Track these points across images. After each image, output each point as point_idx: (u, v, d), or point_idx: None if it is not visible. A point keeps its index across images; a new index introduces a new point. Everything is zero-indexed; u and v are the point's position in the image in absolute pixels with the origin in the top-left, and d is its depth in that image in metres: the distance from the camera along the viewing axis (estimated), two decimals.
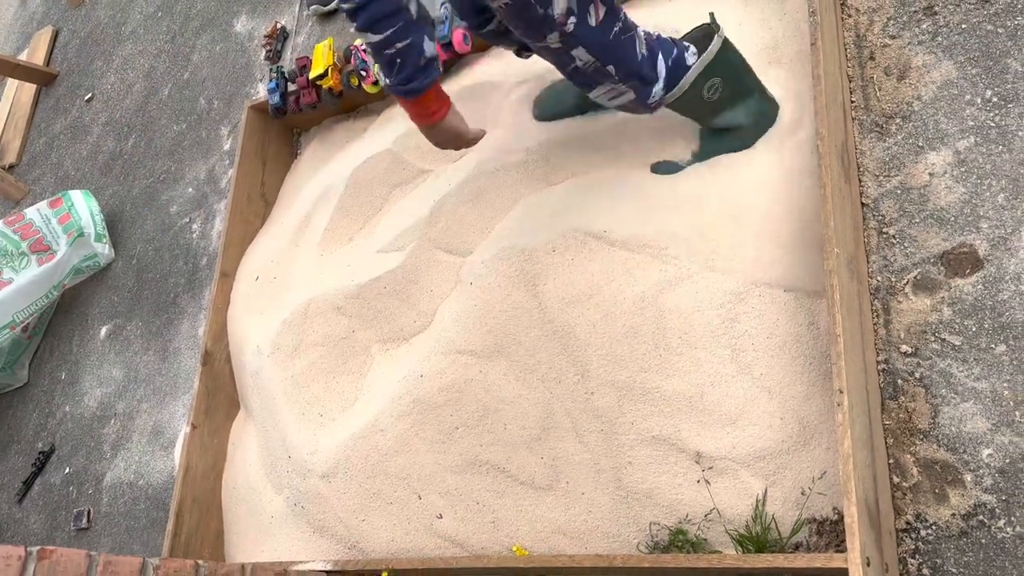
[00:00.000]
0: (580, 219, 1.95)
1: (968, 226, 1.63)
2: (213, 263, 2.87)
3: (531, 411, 1.87)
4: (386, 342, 2.19)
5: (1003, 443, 1.47)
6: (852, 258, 1.60)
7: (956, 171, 1.67)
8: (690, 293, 1.76)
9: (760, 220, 1.75)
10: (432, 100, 1.47)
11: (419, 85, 1.40)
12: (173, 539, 2.22)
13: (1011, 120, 1.65)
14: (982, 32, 1.74)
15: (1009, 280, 1.55)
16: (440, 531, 1.91)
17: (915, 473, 1.53)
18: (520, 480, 1.86)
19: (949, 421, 1.53)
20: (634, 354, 1.77)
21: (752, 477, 1.61)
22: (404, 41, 1.33)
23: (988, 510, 1.45)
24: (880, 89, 1.82)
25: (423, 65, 1.38)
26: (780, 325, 1.67)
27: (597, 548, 1.74)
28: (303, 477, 2.10)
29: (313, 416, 2.16)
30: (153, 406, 2.88)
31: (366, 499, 2.00)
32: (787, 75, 1.88)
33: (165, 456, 2.74)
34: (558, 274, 1.91)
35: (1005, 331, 1.53)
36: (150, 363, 2.98)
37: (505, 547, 1.83)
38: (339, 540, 2.03)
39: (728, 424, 1.66)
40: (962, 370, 1.55)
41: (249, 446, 2.35)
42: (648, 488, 1.70)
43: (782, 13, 1.97)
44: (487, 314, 1.97)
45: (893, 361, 1.62)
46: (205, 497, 2.34)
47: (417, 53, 1.36)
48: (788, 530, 1.55)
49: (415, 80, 1.38)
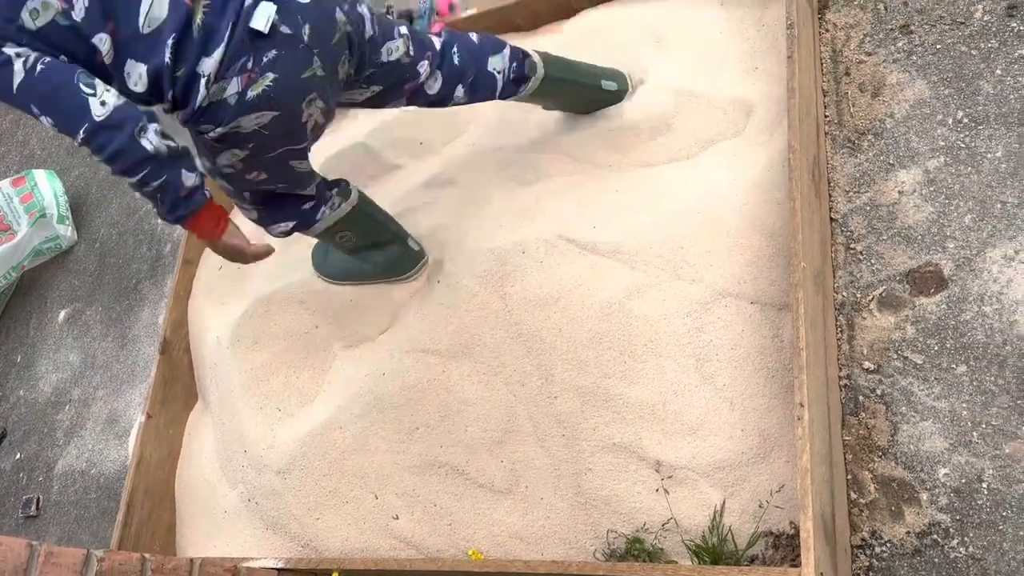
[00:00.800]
0: (552, 222, 1.93)
1: (935, 245, 1.63)
2: (177, 250, 2.81)
3: (493, 413, 1.85)
4: (349, 338, 2.15)
5: (960, 463, 1.48)
6: (819, 272, 1.60)
7: (925, 190, 1.68)
8: (657, 301, 1.75)
9: (730, 231, 1.74)
10: (206, 221, 1.53)
11: (185, 212, 1.46)
12: (123, 530, 2.17)
13: (981, 142, 1.66)
14: (956, 53, 1.75)
15: (972, 301, 1.56)
16: (396, 532, 1.88)
17: (872, 490, 1.53)
18: (479, 483, 1.84)
19: (908, 439, 1.53)
20: (599, 360, 1.76)
21: (711, 488, 1.61)
22: (159, 180, 1.40)
23: (942, 529, 1.45)
24: (854, 105, 1.83)
25: (184, 196, 1.44)
26: (745, 336, 1.67)
27: (554, 554, 1.73)
28: (258, 472, 2.06)
29: (271, 411, 2.12)
30: (109, 393, 2.82)
31: (322, 497, 1.97)
32: (762, 85, 1.88)
33: (119, 445, 2.68)
34: (527, 276, 1.89)
35: (966, 352, 1.54)
36: (108, 349, 2.92)
37: (461, 550, 1.81)
38: (292, 538, 2.00)
39: (689, 434, 1.65)
40: (923, 389, 1.55)
41: (205, 438, 2.30)
42: (607, 495, 1.69)
43: (760, 24, 1.97)
44: (453, 313, 1.95)
45: (855, 377, 1.62)
46: (158, 488, 2.29)
47: (175, 188, 1.43)
48: (744, 542, 1.54)
49: (179, 209, 1.46)
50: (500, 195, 2.09)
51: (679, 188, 1.86)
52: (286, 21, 1.44)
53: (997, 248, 1.57)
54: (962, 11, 1.77)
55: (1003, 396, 1.48)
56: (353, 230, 1.93)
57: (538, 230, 1.92)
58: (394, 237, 2.02)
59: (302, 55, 1.47)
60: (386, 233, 2.01)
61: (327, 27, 1.50)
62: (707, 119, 1.92)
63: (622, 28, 2.12)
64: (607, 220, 1.88)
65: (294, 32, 1.45)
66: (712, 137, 1.92)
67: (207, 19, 1.42)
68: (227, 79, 1.43)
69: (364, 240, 1.99)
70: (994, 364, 1.51)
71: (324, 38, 1.50)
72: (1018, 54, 1.68)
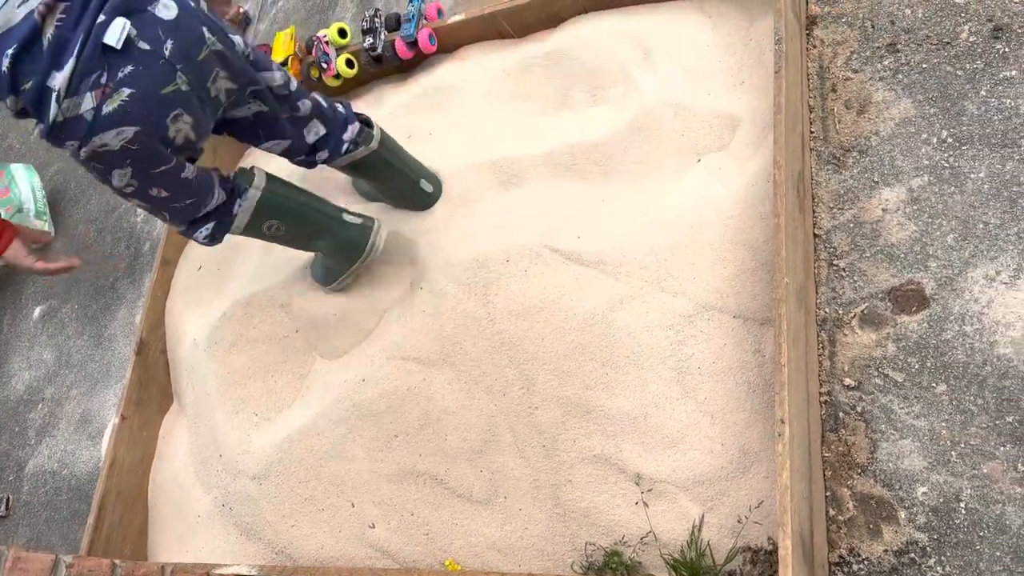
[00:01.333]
0: (537, 230, 1.92)
1: (917, 264, 1.64)
2: (156, 249, 2.78)
3: (473, 423, 1.84)
4: (329, 344, 2.13)
5: (938, 482, 1.48)
6: (801, 288, 1.60)
7: (909, 208, 1.69)
8: (640, 313, 1.75)
9: (713, 244, 1.74)
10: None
11: None
12: (93, 533, 2.14)
13: (964, 162, 1.67)
14: (942, 73, 1.76)
15: (953, 320, 1.57)
16: (372, 541, 1.86)
17: (851, 507, 1.53)
18: (457, 493, 1.82)
19: (887, 457, 1.54)
20: (581, 371, 1.75)
21: (690, 502, 1.60)
22: None
23: (920, 548, 1.45)
24: (839, 122, 1.83)
25: None
26: (727, 350, 1.67)
27: (531, 566, 1.71)
28: (233, 477, 2.03)
29: (248, 415, 2.09)
30: (83, 393, 2.77)
31: (297, 504, 1.94)
32: (749, 100, 1.89)
33: (92, 446, 2.64)
34: (510, 284, 1.88)
35: (946, 371, 1.54)
36: (83, 348, 2.88)
37: (438, 560, 1.79)
38: (267, 544, 1.97)
39: (670, 447, 1.64)
40: (903, 407, 1.56)
41: (180, 441, 2.27)
42: (586, 507, 1.68)
43: (748, 39, 1.97)
44: (435, 321, 1.93)
45: (836, 393, 1.62)
46: (130, 491, 2.26)
47: None
48: (723, 557, 1.54)
49: None
50: (486, 199, 2.08)
51: (664, 200, 1.85)
52: (145, 36, 1.44)
53: (979, 268, 1.58)
54: (948, 31, 1.78)
55: (982, 416, 1.49)
56: (277, 217, 1.88)
57: (523, 239, 1.91)
58: (326, 218, 1.97)
59: (162, 70, 1.46)
60: (314, 215, 1.95)
61: (192, 43, 1.51)
62: (693, 132, 1.92)
63: (609, 39, 2.12)
64: (592, 230, 1.87)
65: (153, 48, 1.45)
66: (698, 150, 1.92)
67: (59, 33, 1.40)
68: (80, 94, 1.42)
69: (295, 226, 1.93)
70: (974, 384, 1.51)
71: (189, 54, 1.50)
72: (1003, 75, 1.69)
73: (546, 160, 2.05)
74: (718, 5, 2.05)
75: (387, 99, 2.46)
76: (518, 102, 2.24)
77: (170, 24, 1.47)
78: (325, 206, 1.98)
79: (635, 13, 2.14)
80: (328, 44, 2.48)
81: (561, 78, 2.18)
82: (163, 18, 1.46)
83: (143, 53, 1.44)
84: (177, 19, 1.48)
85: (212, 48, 1.55)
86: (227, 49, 1.59)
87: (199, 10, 1.55)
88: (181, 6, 1.50)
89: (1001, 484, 1.44)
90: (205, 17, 1.56)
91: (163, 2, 1.48)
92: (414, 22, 2.38)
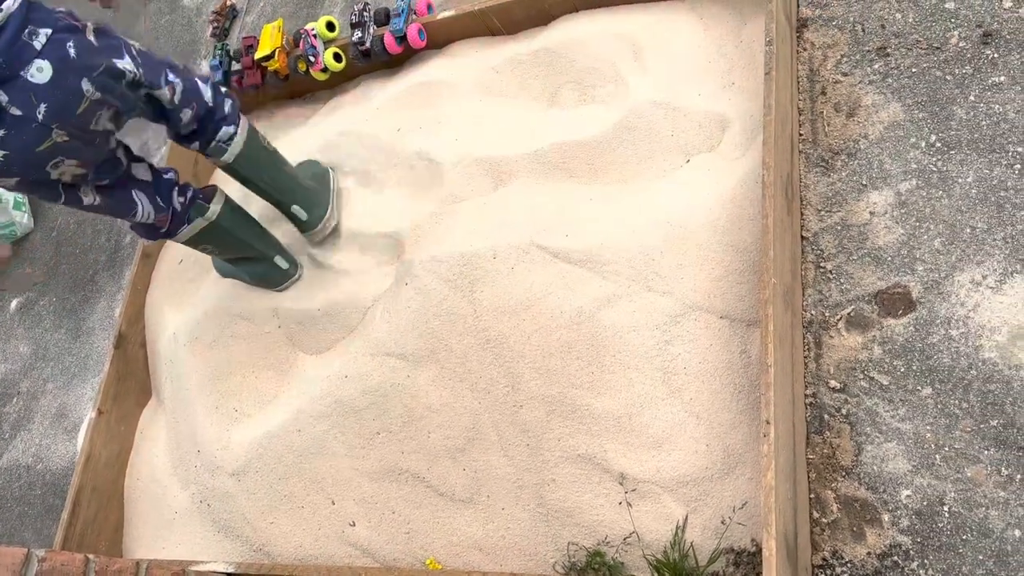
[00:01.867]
0: (525, 228, 1.91)
1: (904, 267, 1.64)
2: (137, 241, 2.74)
3: (457, 420, 1.82)
4: (312, 339, 2.11)
5: (922, 485, 1.48)
6: (788, 290, 1.60)
7: (896, 212, 1.69)
8: (627, 312, 1.74)
9: (701, 245, 1.73)
10: None
11: None
12: (67, 529, 2.10)
13: (952, 166, 1.67)
14: (931, 77, 1.76)
15: (940, 324, 1.57)
16: (352, 539, 1.83)
17: (835, 510, 1.53)
18: (440, 491, 1.80)
19: (872, 460, 1.53)
20: (567, 369, 1.73)
21: (674, 502, 1.59)
22: None
23: (903, 551, 1.45)
24: (829, 124, 1.83)
25: None
26: (713, 351, 1.66)
27: (513, 565, 1.70)
28: (212, 473, 2.00)
29: (228, 411, 2.06)
30: (60, 387, 2.73)
31: (276, 501, 1.92)
32: (739, 101, 1.88)
33: (68, 440, 2.60)
34: (497, 282, 1.87)
35: (932, 374, 1.54)
36: (61, 341, 2.83)
37: (418, 559, 1.77)
38: (245, 541, 1.94)
39: (654, 447, 1.63)
40: (888, 410, 1.55)
41: (158, 437, 2.24)
42: (570, 507, 1.67)
43: (738, 40, 1.97)
44: (421, 317, 1.91)
45: (821, 396, 1.62)
46: (106, 487, 2.22)
47: None
48: (706, 558, 1.53)
49: None
50: (474, 199, 2.07)
51: (653, 200, 1.85)
52: (16, 103, 1.52)
53: (965, 272, 1.58)
54: (938, 36, 1.79)
55: (967, 420, 1.49)
56: (213, 243, 2.07)
57: (510, 236, 1.90)
58: (260, 255, 2.14)
59: (35, 132, 1.55)
60: (249, 251, 2.12)
61: (69, 102, 1.57)
62: (683, 132, 1.91)
63: (600, 38, 2.11)
64: (580, 229, 1.86)
65: (25, 113, 1.53)
66: (687, 151, 1.91)
67: None
68: None
69: (226, 253, 2.13)
70: (959, 388, 1.51)
71: (65, 112, 1.57)
72: (991, 81, 1.70)
73: (535, 158, 2.04)
74: (710, 6, 2.04)
75: (375, 94, 2.44)
76: (508, 99, 2.23)
77: (43, 88, 1.53)
78: (264, 245, 2.15)
79: (626, 12, 2.13)
80: (316, 37, 2.46)
81: (551, 76, 2.17)
82: (36, 83, 1.53)
83: (15, 119, 1.53)
84: (52, 80, 1.54)
85: (92, 98, 1.61)
86: (109, 92, 1.64)
87: (79, 59, 1.57)
88: (57, 65, 1.54)
89: (985, 488, 1.44)
90: (86, 64, 1.58)
91: (37, 65, 1.52)
92: (403, 17, 2.36)
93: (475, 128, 2.19)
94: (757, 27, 1.94)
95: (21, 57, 1.50)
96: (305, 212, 2.16)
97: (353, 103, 2.47)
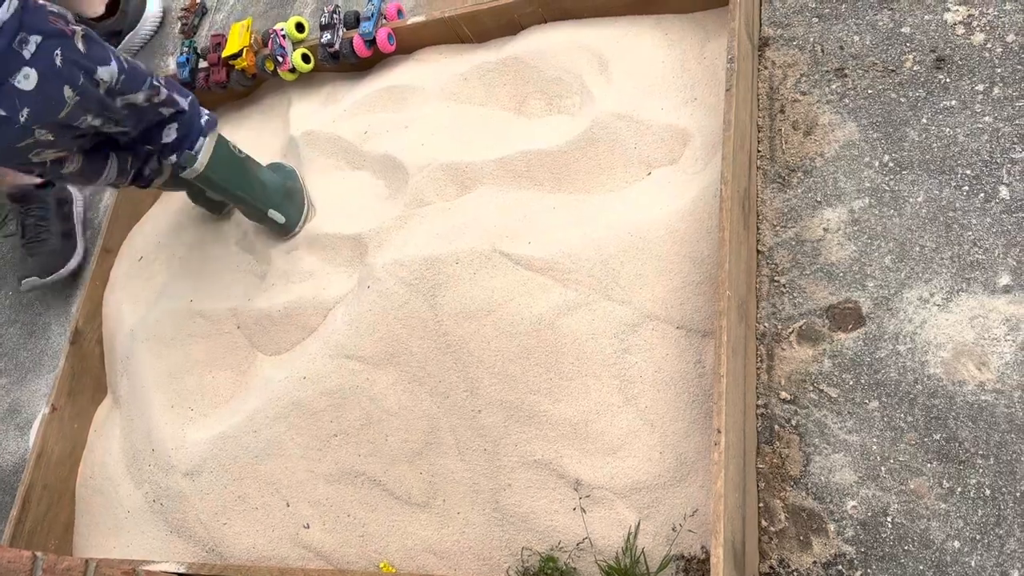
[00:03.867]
0: (488, 234, 1.92)
1: (855, 283, 1.68)
2: (97, 236, 2.71)
3: (415, 424, 1.82)
4: (271, 339, 2.10)
5: (867, 496, 1.52)
6: (743, 302, 1.63)
7: (849, 229, 1.73)
8: (587, 320, 1.76)
9: (660, 256, 1.76)
10: None
11: None
12: (16, 527, 2.07)
13: (904, 186, 1.72)
14: (886, 99, 1.81)
15: (888, 339, 1.61)
16: (306, 541, 1.83)
17: (783, 519, 1.56)
18: (395, 495, 1.80)
19: (819, 470, 1.57)
20: (526, 375, 1.75)
21: (627, 509, 1.61)
22: None
23: (847, 560, 1.49)
24: (786, 142, 1.87)
25: None
26: (669, 360, 1.69)
27: (467, 569, 1.71)
28: (165, 473, 1.98)
29: (183, 410, 2.04)
30: (13, 382, 2.68)
31: (230, 501, 1.90)
32: (700, 116, 1.92)
33: (19, 437, 2.55)
34: (458, 286, 1.88)
35: (879, 388, 1.58)
36: (15, 336, 2.78)
37: (372, 563, 1.78)
38: (197, 542, 1.93)
39: (609, 454, 1.65)
40: (836, 422, 1.59)
41: (112, 435, 2.21)
42: (524, 512, 1.68)
43: (701, 56, 2.00)
44: (381, 320, 1.92)
45: (772, 406, 1.65)
46: (58, 485, 2.19)
47: None
48: (656, 565, 1.55)
49: None
50: (438, 204, 2.08)
51: (614, 210, 1.87)
52: (2, 106, 1.55)
53: (914, 290, 1.63)
54: (894, 60, 1.84)
55: (911, 433, 1.53)
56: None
57: (473, 242, 1.91)
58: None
59: (17, 132, 1.61)
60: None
61: (51, 107, 1.62)
62: (645, 145, 1.94)
63: (567, 50, 2.13)
64: (543, 237, 1.88)
65: (8, 115, 1.57)
66: (649, 163, 1.94)
67: None
68: None
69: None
70: (905, 402, 1.55)
71: (48, 115, 1.62)
72: (943, 105, 1.75)
73: (500, 165, 2.05)
74: (674, 22, 2.08)
75: (343, 96, 2.45)
76: (475, 106, 2.24)
77: (28, 95, 1.57)
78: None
79: (593, 25, 2.16)
80: (285, 38, 2.45)
81: (518, 85, 2.19)
82: (23, 89, 1.56)
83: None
84: (37, 88, 1.57)
85: (72, 104, 1.64)
86: (90, 99, 1.67)
87: (64, 67, 1.60)
88: (42, 73, 1.57)
89: (927, 500, 1.48)
90: (70, 72, 1.61)
91: (24, 72, 1.55)
92: (373, 21, 2.36)
93: (442, 134, 2.20)
94: (720, 44, 1.97)
95: (10, 66, 1.54)
96: (283, 215, 2.17)
97: (321, 104, 2.47)
